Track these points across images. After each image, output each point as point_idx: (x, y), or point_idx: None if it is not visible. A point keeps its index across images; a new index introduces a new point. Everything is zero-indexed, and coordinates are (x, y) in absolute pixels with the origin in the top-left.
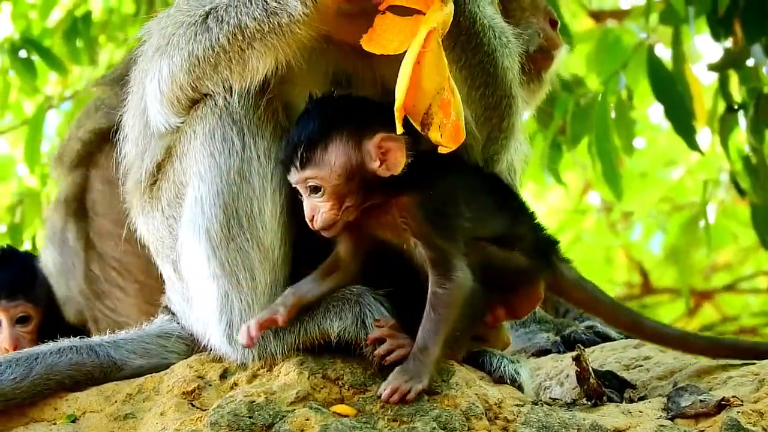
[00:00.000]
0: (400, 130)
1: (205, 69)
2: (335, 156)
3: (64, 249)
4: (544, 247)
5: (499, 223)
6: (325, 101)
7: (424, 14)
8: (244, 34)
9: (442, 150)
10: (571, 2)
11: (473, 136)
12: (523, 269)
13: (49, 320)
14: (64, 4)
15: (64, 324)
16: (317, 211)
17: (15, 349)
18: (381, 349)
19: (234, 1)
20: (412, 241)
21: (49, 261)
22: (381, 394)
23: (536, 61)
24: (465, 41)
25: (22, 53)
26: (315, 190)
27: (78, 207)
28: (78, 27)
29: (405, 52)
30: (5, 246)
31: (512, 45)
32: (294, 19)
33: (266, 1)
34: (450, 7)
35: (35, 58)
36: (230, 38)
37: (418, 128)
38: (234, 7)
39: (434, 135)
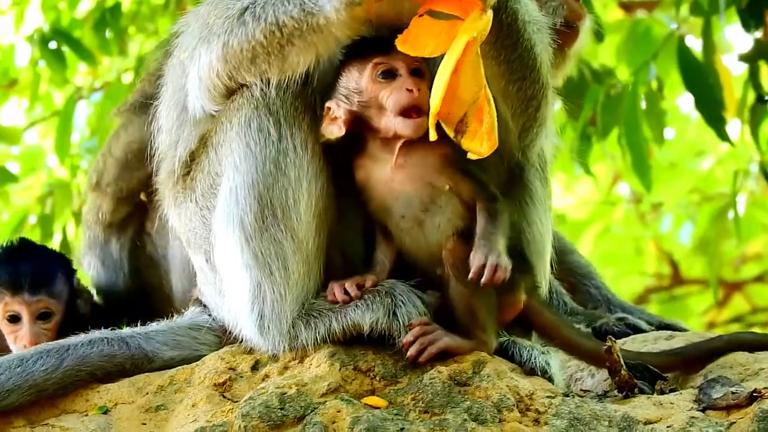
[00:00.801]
0: (433, 136)
1: (241, 60)
2: None
3: (106, 260)
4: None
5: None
6: None
7: (462, 19)
8: (282, 32)
9: (472, 156)
10: None
11: (508, 128)
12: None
13: (70, 318)
14: None
15: (83, 322)
16: None
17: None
18: (412, 350)
19: None
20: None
21: (92, 271)
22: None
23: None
24: (505, 37)
25: (52, 44)
26: None
27: (123, 227)
28: (107, 18)
29: (441, 55)
30: (21, 238)
31: (546, 36)
32: (330, 21)
33: (303, 1)
34: (489, 15)
35: (65, 49)
36: (267, 35)
37: (451, 135)
38: (271, 4)
39: (467, 143)
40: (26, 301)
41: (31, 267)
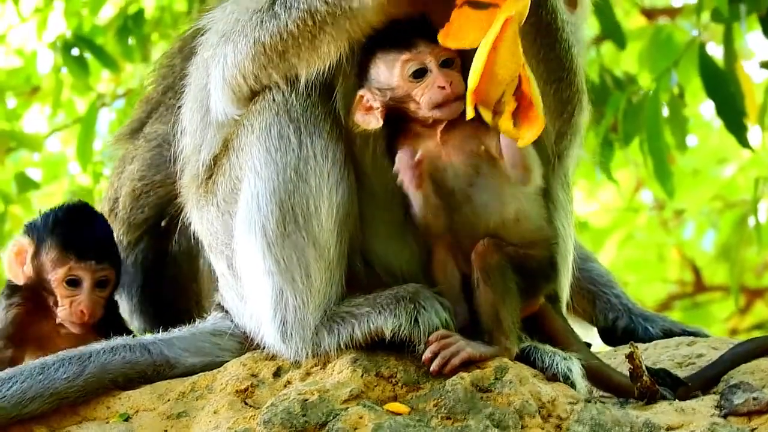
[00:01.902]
0: (471, 114)
1: (271, 57)
2: None
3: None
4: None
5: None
6: None
7: (500, 7)
8: (314, 19)
9: (519, 143)
10: (624, 0)
11: (545, 129)
12: (536, 276)
13: (115, 288)
14: (117, 2)
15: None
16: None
17: (90, 316)
18: (434, 366)
19: None
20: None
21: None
22: None
23: None
24: (545, 35)
25: (75, 51)
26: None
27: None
28: (130, 24)
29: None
30: (80, 202)
31: (582, 39)
32: (364, 4)
33: None
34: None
35: (88, 55)
36: (300, 24)
37: (488, 117)
38: None
39: (505, 124)
40: (92, 267)
41: (97, 233)
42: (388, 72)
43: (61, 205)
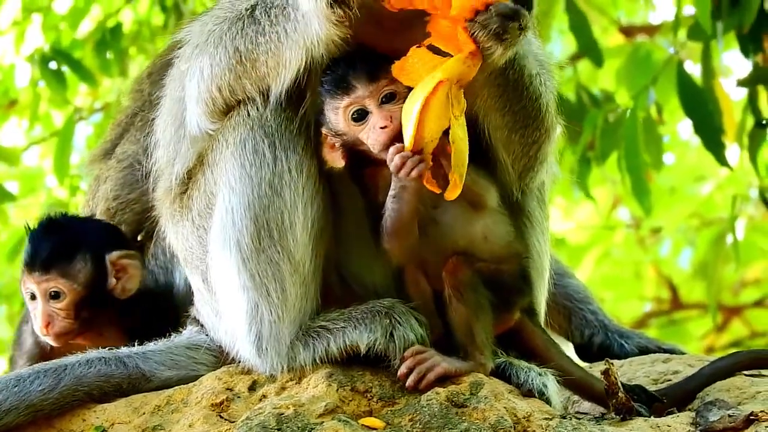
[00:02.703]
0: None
1: (245, 65)
2: None
3: None
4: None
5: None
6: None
7: (457, 57)
8: (286, 18)
9: (445, 196)
10: (602, 18)
11: (508, 171)
12: (509, 291)
13: (91, 298)
14: (95, 16)
15: (115, 303)
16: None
17: (47, 327)
18: (410, 381)
19: None
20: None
21: None
22: None
23: None
24: (512, 91)
25: (53, 65)
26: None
27: None
28: (108, 39)
29: None
30: (57, 215)
31: (552, 80)
32: (308, 13)
33: None
34: (476, 63)
35: (65, 69)
36: (274, 25)
37: None
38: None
39: (429, 180)
40: (36, 279)
41: (49, 244)
42: (336, 118)
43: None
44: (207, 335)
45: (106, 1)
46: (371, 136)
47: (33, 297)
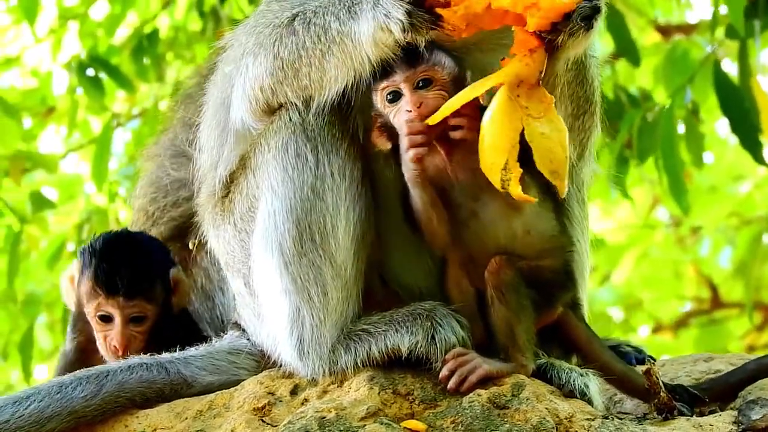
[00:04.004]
0: (497, 185)
1: (287, 73)
2: None
3: None
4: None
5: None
6: None
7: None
8: (327, 35)
9: (518, 198)
10: (639, 17)
11: (571, 161)
12: (552, 286)
13: (163, 319)
14: (131, 22)
15: (173, 319)
16: None
17: (124, 350)
18: (452, 383)
19: (324, 2)
20: None
21: None
22: None
23: None
24: (581, 76)
25: (90, 71)
26: None
27: None
28: (145, 44)
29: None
30: (123, 231)
31: (597, 63)
32: (363, 37)
33: (351, 5)
34: (536, 61)
35: (103, 76)
36: (315, 40)
37: (498, 186)
38: (323, 7)
39: (514, 189)
40: (121, 304)
41: (130, 268)
42: (376, 99)
43: (102, 234)
44: (248, 340)
45: (143, 7)
46: (398, 117)
47: (107, 319)
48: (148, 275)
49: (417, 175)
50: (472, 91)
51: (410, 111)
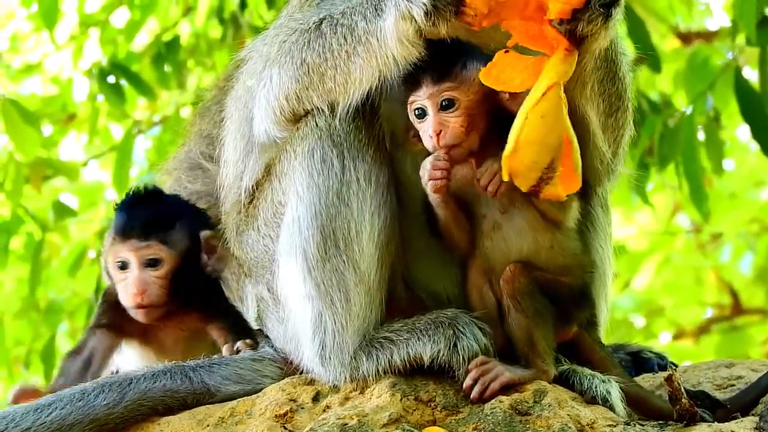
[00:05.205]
0: (506, 177)
1: (312, 78)
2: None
3: None
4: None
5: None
6: None
7: (548, 56)
8: (353, 36)
9: (550, 196)
10: (659, 23)
11: (604, 158)
12: (567, 303)
13: (186, 271)
14: (152, 29)
15: (202, 277)
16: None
17: (142, 295)
18: (475, 392)
19: (352, 3)
20: None
21: None
22: None
23: None
24: (613, 72)
25: (111, 78)
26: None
27: None
28: (165, 52)
29: (526, 91)
30: (151, 186)
31: (628, 60)
32: (387, 34)
33: (377, 5)
34: (574, 57)
35: (123, 83)
36: (341, 41)
37: (525, 187)
38: (351, 8)
39: (551, 189)
40: (134, 246)
41: (146, 212)
42: (408, 110)
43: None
44: (271, 347)
45: (163, 15)
46: (425, 139)
47: (123, 267)
48: (163, 218)
49: (437, 198)
50: (523, 114)
51: (431, 138)
